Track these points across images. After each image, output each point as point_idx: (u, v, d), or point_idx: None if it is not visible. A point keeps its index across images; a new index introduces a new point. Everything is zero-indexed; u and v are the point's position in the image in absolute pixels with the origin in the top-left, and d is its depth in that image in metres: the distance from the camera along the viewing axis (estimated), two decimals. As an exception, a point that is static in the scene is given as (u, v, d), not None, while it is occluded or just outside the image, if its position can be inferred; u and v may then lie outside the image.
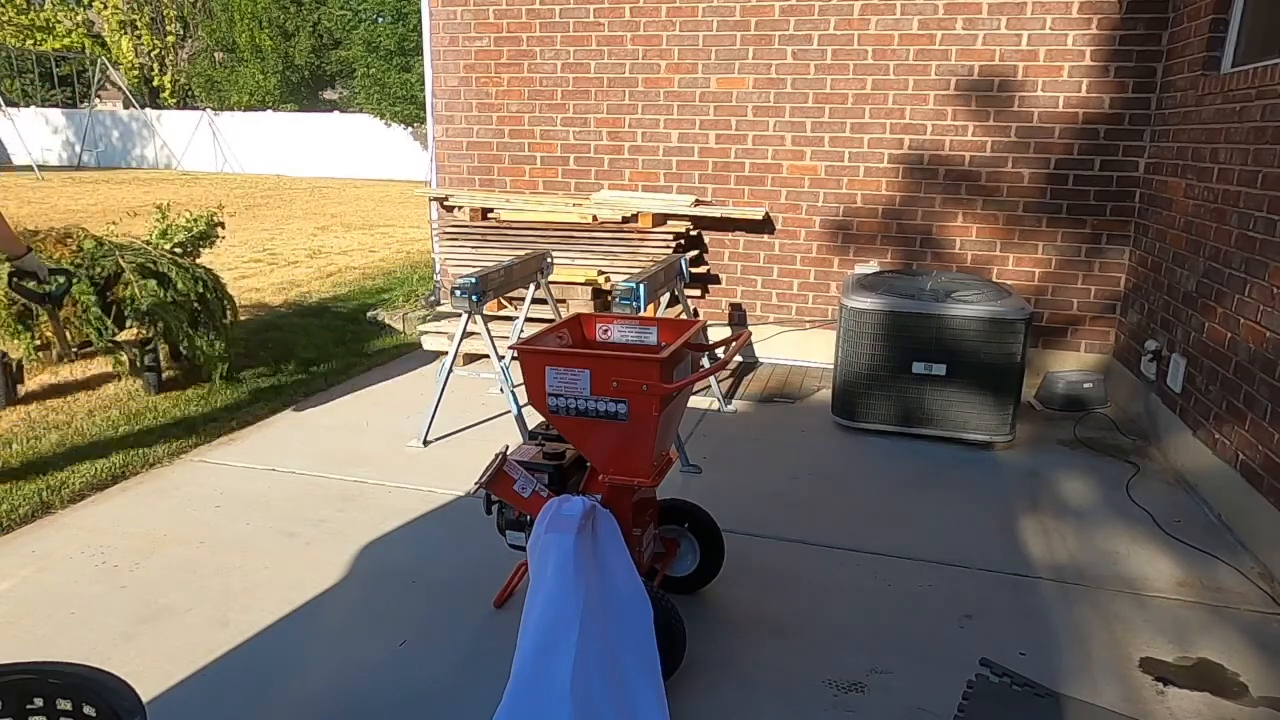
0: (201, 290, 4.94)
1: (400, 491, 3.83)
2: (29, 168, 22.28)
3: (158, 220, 5.77)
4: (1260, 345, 3.45)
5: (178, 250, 5.44)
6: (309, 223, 13.63)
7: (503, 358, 4.33)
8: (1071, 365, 5.45)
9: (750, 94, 5.70)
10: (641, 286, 3.99)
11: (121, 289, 4.75)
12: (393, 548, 3.35)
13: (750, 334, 3.53)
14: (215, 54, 29.04)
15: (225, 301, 5.11)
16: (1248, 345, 3.56)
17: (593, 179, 6.12)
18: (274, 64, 27.46)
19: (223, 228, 6.03)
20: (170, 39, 29.84)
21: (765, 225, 5.86)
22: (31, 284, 3.62)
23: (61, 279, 3.72)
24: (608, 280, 5.62)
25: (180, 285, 4.84)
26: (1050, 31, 5.14)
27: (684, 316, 5.16)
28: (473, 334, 4.49)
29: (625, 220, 5.68)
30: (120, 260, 4.81)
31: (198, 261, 5.40)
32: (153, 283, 4.76)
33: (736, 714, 2.43)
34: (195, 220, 5.84)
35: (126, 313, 4.73)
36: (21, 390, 4.90)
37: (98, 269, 4.76)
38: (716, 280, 6.08)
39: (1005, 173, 5.40)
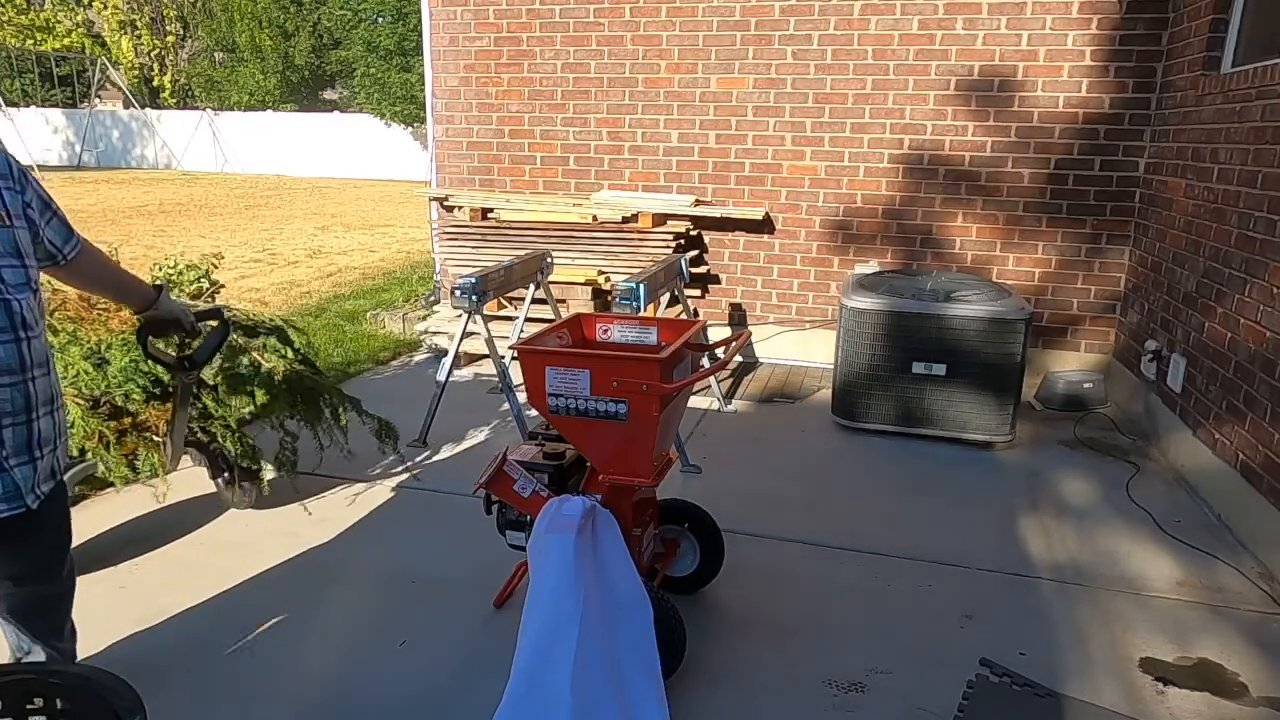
0: (306, 347, 3.61)
1: (400, 491, 3.83)
2: (29, 168, 22.26)
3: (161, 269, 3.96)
4: (1260, 345, 3.45)
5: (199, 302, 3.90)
6: (309, 223, 13.63)
7: (503, 358, 4.33)
8: (1071, 365, 5.45)
9: (750, 94, 5.70)
10: (641, 286, 3.99)
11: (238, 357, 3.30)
12: (393, 548, 3.35)
13: (750, 334, 3.53)
14: (215, 54, 29.05)
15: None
16: (1248, 345, 3.56)
17: (593, 179, 6.12)
18: (274, 64, 27.45)
19: (208, 278, 4.16)
20: (170, 39, 29.85)
21: (765, 225, 5.86)
22: (164, 343, 2.52)
23: (214, 323, 2.56)
24: (608, 280, 5.62)
25: (298, 342, 3.51)
26: (1050, 31, 5.14)
27: (684, 316, 5.16)
28: (473, 334, 4.49)
29: (625, 220, 5.68)
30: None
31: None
32: (274, 339, 3.36)
33: (736, 714, 2.43)
34: (184, 271, 4.03)
35: (251, 391, 3.27)
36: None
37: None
38: (716, 280, 6.07)
39: (1005, 173, 5.40)
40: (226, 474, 3.44)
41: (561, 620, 2.20)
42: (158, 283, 2.49)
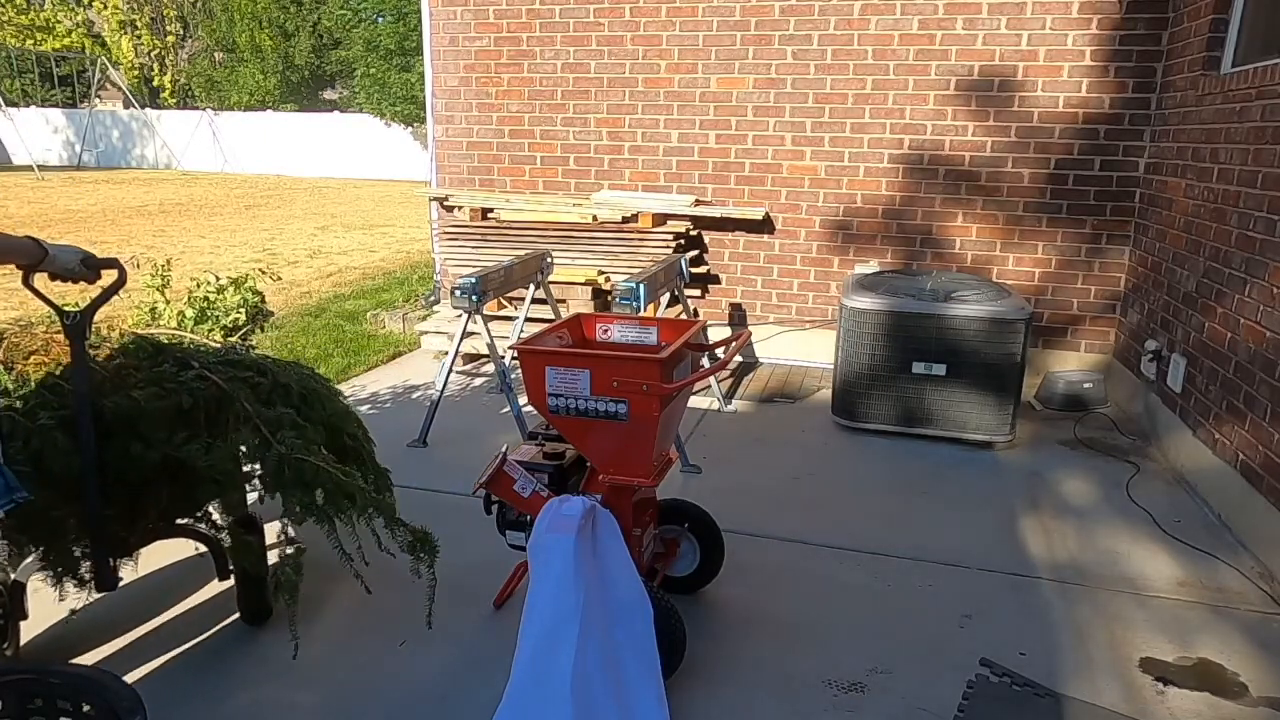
0: (340, 411, 2.90)
1: (400, 491, 3.81)
2: (29, 168, 22.29)
3: (155, 287, 3.22)
4: (1260, 345, 3.45)
5: (234, 340, 3.41)
6: (309, 223, 13.63)
7: (503, 358, 4.34)
8: (1071, 365, 5.45)
9: (750, 94, 5.70)
10: (641, 286, 3.99)
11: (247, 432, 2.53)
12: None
13: (750, 334, 3.53)
14: (215, 54, 29.06)
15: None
16: (1248, 345, 3.56)
17: (593, 179, 6.12)
18: (274, 64, 27.47)
19: (263, 300, 3.69)
20: (170, 39, 29.86)
21: (765, 225, 5.86)
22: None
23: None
24: (608, 280, 5.62)
25: (327, 408, 2.83)
26: (1050, 31, 5.14)
27: (684, 316, 5.16)
28: (473, 334, 4.49)
29: (625, 220, 5.68)
30: (210, 376, 2.58)
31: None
32: (290, 415, 2.63)
33: (736, 714, 2.43)
34: (222, 290, 3.46)
35: (259, 477, 2.60)
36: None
37: (183, 394, 2.48)
38: (716, 280, 6.07)
39: (1005, 173, 5.40)
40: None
41: (561, 620, 2.20)
42: (33, 237, 2.17)
